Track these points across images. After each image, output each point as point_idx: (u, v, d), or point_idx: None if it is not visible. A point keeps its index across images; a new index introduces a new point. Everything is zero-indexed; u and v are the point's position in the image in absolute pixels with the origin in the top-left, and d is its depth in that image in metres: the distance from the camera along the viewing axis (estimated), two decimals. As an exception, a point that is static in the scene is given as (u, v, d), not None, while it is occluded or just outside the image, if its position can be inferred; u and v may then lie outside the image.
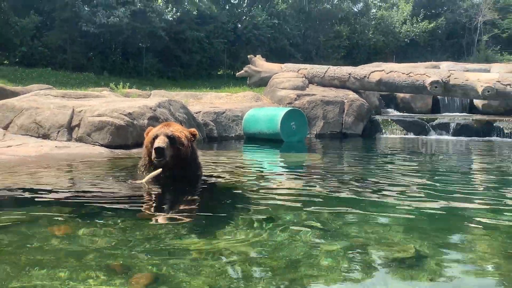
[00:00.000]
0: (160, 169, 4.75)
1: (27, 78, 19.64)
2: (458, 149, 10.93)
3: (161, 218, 3.72)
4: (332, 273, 2.58)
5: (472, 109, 18.11)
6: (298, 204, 4.27)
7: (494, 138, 13.43)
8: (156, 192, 4.77)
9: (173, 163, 4.77)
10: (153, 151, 4.61)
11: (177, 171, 4.90)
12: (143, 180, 4.77)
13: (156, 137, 4.74)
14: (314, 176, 6.27)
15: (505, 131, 13.50)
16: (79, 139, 8.57)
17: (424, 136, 13.97)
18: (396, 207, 4.24)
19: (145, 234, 3.21)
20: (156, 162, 4.69)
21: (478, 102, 17.58)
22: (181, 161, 4.85)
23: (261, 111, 12.36)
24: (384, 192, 4.96)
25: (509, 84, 13.26)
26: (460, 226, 3.64)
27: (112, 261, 2.68)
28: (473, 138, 13.46)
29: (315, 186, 5.33)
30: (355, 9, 41.25)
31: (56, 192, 4.67)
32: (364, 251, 2.96)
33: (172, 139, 4.72)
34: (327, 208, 4.11)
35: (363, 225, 3.59)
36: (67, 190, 4.83)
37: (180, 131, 4.91)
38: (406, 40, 39.59)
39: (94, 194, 4.58)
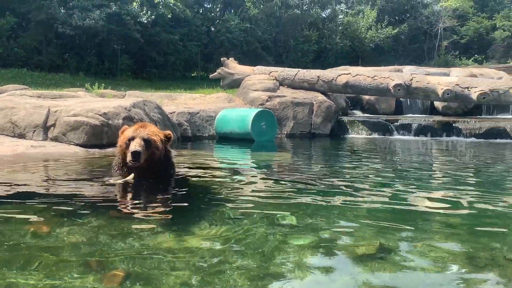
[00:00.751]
0: (133, 175, 4.68)
1: (3, 79, 19.14)
2: (419, 148, 11.13)
3: (134, 216, 3.67)
4: (302, 267, 2.59)
5: (433, 110, 18.46)
6: (269, 201, 4.28)
7: (453, 138, 13.73)
8: (130, 191, 4.70)
9: (147, 165, 4.70)
10: (129, 154, 4.51)
11: (151, 171, 4.83)
12: (116, 182, 4.70)
13: (132, 138, 4.63)
14: (284, 174, 6.29)
15: (463, 131, 13.81)
16: (55, 139, 8.40)
17: (388, 136, 14.18)
18: (363, 203, 4.29)
19: (119, 231, 3.16)
20: (131, 164, 4.59)
21: (438, 104, 17.95)
22: (155, 163, 4.78)
23: (233, 111, 12.35)
24: (351, 189, 5.01)
25: (467, 87, 13.58)
26: (423, 221, 3.70)
27: (87, 258, 2.63)
28: (433, 138, 13.73)
29: (285, 184, 5.34)
30: (323, 15, 41.65)
31: (32, 190, 4.56)
32: (332, 246, 2.98)
33: (148, 142, 4.63)
34: (296, 205, 4.13)
35: (331, 220, 3.61)
36: (42, 189, 4.72)
37: (156, 134, 4.81)
38: (371, 45, 40.17)
39: (69, 192, 4.49)
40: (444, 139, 13.57)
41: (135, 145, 4.51)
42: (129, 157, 4.53)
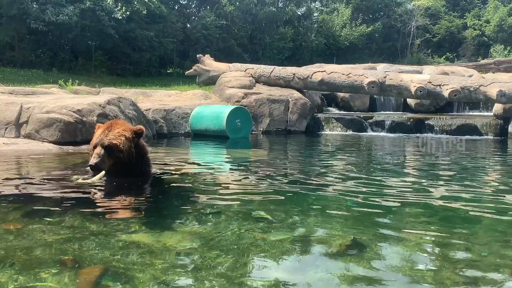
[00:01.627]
0: (102, 173, 4.62)
1: (-27, 75, 18.68)
2: (392, 145, 11.29)
3: (109, 214, 3.64)
4: (278, 263, 2.61)
5: (406, 107, 18.75)
6: (245, 198, 4.29)
7: (425, 134, 13.97)
8: (104, 189, 4.65)
9: (116, 168, 4.65)
10: (88, 167, 4.56)
11: (124, 170, 4.74)
12: (85, 182, 4.63)
13: (95, 146, 4.58)
14: (260, 171, 6.31)
15: (435, 128, 14.07)
16: (28, 136, 8.25)
17: (362, 133, 14.33)
18: (337, 199, 4.34)
19: (94, 229, 3.13)
20: (94, 173, 4.62)
21: (411, 101, 18.23)
22: (125, 164, 4.68)
23: (207, 108, 12.32)
24: (325, 186, 5.07)
25: (439, 85, 13.82)
26: (395, 215, 3.77)
27: (62, 255, 2.60)
28: (406, 134, 13.94)
29: (261, 180, 5.36)
30: (299, 13, 41.81)
31: (3, 188, 4.48)
32: (307, 241, 3.01)
33: (110, 149, 4.53)
34: (272, 201, 4.15)
35: (306, 216, 3.65)
36: (14, 186, 4.63)
37: (121, 135, 4.64)
38: (346, 42, 40.51)
39: (42, 190, 4.42)
40: (417, 135, 13.79)
41: (94, 157, 4.48)
42: (89, 169, 4.61)
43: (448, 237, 3.17)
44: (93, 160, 4.47)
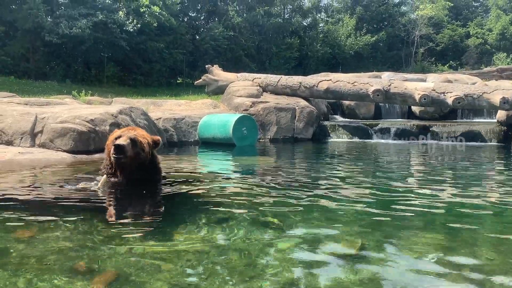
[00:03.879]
0: (104, 178, 4.63)
1: (-10, 87, 18.85)
2: (398, 151, 11.23)
3: (121, 221, 3.64)
4: (285, 269, 2.59)
5: (410, 115, 18.68)
6: (253, 204, 4.27)
7: (430, 141, 13.88)
8: (117, 196, 4.65)
9: (132, 165, 4.60)
10: (112, 148, 4.39)
11: (137, 175, 4.76)
12: (98, 186, 4.64)
13: (119, 137, 4.56)
14: (268, 177, 6.29)
15: (440, 134, 13.99)
16: (42, 145, 8.30)
17: (367, 140, 14.28)
18: (344, 204, 4.31)
19: (106, 236, 3.13)
20: (114, 159, 4.45)
21: (415, 109, 18.16)
22: (140, 165, 4.68)
23: (215, 117, 12.34)
24: (333, 191, 5.04)
25: (443, 93, 13.75)
26: (403, 221, 3.73)
27: (75, 262, 2.60)
28: (411, 141, 13.87)
29: (269, 186, 5.35)
30: (304, 23, 41.88)
31: (19, 195, 4.49)
32: (316, 246, 2.99)
33: (134, 142, 4.52)
34: (280, 208, 4.13)
35: (314, 221, 3.62)
36: (29, 195, 4.65)
37: (143, 136, 4.72)
38: (351, 52, 40.46)
39: (56, 198, 4.43)
40: (422, 142, 13.72)
41: (120, 140, 4.43)
42: (112, 151, 4.40)
43: (454, 241, 3.14)
44: (120, 141, 4.39)
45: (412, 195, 4.92)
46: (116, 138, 4.56)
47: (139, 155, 4.59)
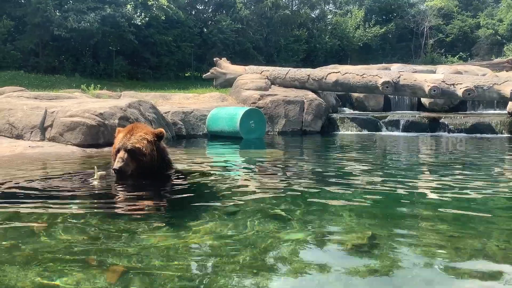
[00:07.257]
0: (104, 172, 4.76)
1: (0, 81, 18.97)
2: (407, 144, 11.18)
3: (131, 214, 3.66)
4: (295, 261, 2.59)
5: (420, 107, 18.51)
6: (262, 197, 4.28)
7: (440, 133, 13.79)
8: (127, 189, 4.69)
9: (138, 171, 4.66)
10: (112, 171, 4.56)
11: (145, 172, 4.76)
12: (95, 177, 4.74)
13: (118, 150, 4.60)
14: (276, 170, 6.29)
15: (450, 126, 13.88)
16: (52, 139, 8.36)
17: (377, 132, 14.20)
18: (354, 196, 4.31)
19: (117, 229, 3.15)
20: (119, 177, 4.66)
21: (425, 101, 18.01)
22: (147, 166, 4.70)
23: (223, 110, 12.33)
24: (342, 184, 5.03)
25: (452, 84, 13.63)
26: (412, 213, 3.72)
27: (86, 255, 2.62)
28: (421, 133, 13.78)
29: (278, 179, 5.35)
30: (313, 15, 41.64)
31: (30, 189, 4.53)
32: (324, 238, 2.99)
33: (132, 152, 4.55)
34: (289, 199, 4.14)
35: (323, 214, 3.62)
36: (40, 188, 4.69)
37: (142, 139, 4.65)
38: (359, 43, 40.20)
39: (66, 191, 4.47)
40: (432, 134, 13.63)
41: (118, 162, 4.49)
42: (113, 173, 4.61)
43: (465, 232, 3.12)
44: (117, 164, 4.48)
45: (422, 187, 4.89)
46: (116, 151, 4.63)
47: (141, 161, 4.64)
